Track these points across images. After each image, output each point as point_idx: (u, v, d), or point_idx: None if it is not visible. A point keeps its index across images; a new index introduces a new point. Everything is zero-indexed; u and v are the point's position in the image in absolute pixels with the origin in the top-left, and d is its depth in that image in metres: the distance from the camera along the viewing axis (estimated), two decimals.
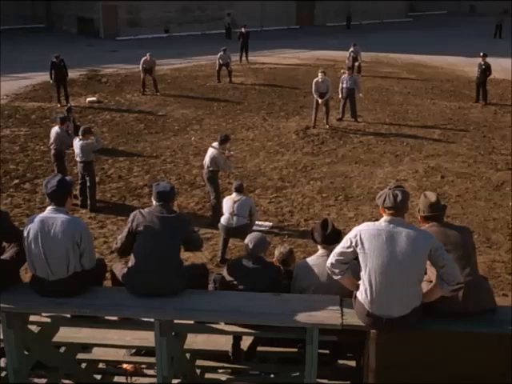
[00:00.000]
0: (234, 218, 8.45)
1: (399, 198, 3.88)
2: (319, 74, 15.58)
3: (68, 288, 4.31)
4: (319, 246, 4.68)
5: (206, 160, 9.91)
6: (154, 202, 4.55)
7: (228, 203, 8.55)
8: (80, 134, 10.51)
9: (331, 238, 4.60)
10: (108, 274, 4.89)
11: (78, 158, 10.52)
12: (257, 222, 9.85)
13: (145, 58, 19.41)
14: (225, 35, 33.02)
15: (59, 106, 17.22)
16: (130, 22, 34.33)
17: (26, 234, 4.30)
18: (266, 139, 14.94)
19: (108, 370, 5.60)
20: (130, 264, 4.44)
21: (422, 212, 4.30)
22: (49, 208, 4.35)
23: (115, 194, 11.35)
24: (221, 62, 21.30)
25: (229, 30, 33.06)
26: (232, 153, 10.72)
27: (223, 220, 8.57)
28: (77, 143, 10.40)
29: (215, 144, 10.01)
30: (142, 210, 4.50)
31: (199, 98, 19.30)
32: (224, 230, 8.64)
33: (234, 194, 8.60)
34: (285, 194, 11.49)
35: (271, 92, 20.27)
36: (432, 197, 4.31)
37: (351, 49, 22.53)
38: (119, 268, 4.59)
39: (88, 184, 10.48)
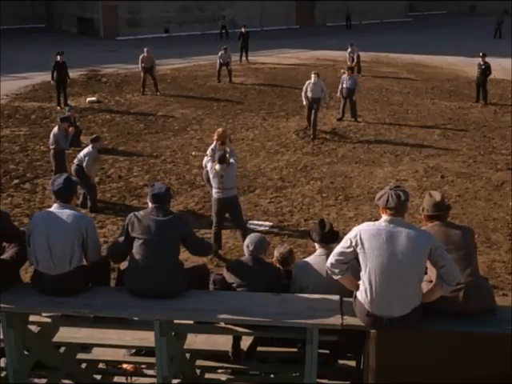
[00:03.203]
0: (224, 191, 8.47)
1: (402, 198, 3.89)
2: (312, 75, 15.11)
3: (69, 284, 4.30)
4: (317, 246, 4.71)
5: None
6: (150, 204, 4.49)
7: (216, 178, 8.47)
8: (90, 141, 10.57)
9: (329, 236, 4.64)
10: (112, 274, 4.90)
11: (75, 161, 10.41)
12: (256, 222, 9.95)
13: (142, 55, 19.00)
14: (219, 36, 33.03)
15: (59, 108, 17.08)
16: (130, 21, 34.36)
17: (31, 226, 4.33)
18: (266, 139, 14.93)
19: (108, 370, 5.60)
20: (128, 268, 4.44)
21: (426, 211, 4.30)
22: (55, 205, 4.39)
23: (115, 194, 11.34)
24: (221, 61, 21.27)
25: (226, 31, 33.09)
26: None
27: (214, 194, 8.61)
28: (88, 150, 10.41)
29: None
30: (137, 214, 4.44)
31: (199, 97, 19.30)
32: (217, 202, 8.67)
33: (218, 166, 8.45)
34: (285, 193, 11.48)
35: (271, 92, 20.27)
36: (437, 196, 4.32)
37: (349, 49, 22.60)
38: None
39: (85, 191, 10.43)
